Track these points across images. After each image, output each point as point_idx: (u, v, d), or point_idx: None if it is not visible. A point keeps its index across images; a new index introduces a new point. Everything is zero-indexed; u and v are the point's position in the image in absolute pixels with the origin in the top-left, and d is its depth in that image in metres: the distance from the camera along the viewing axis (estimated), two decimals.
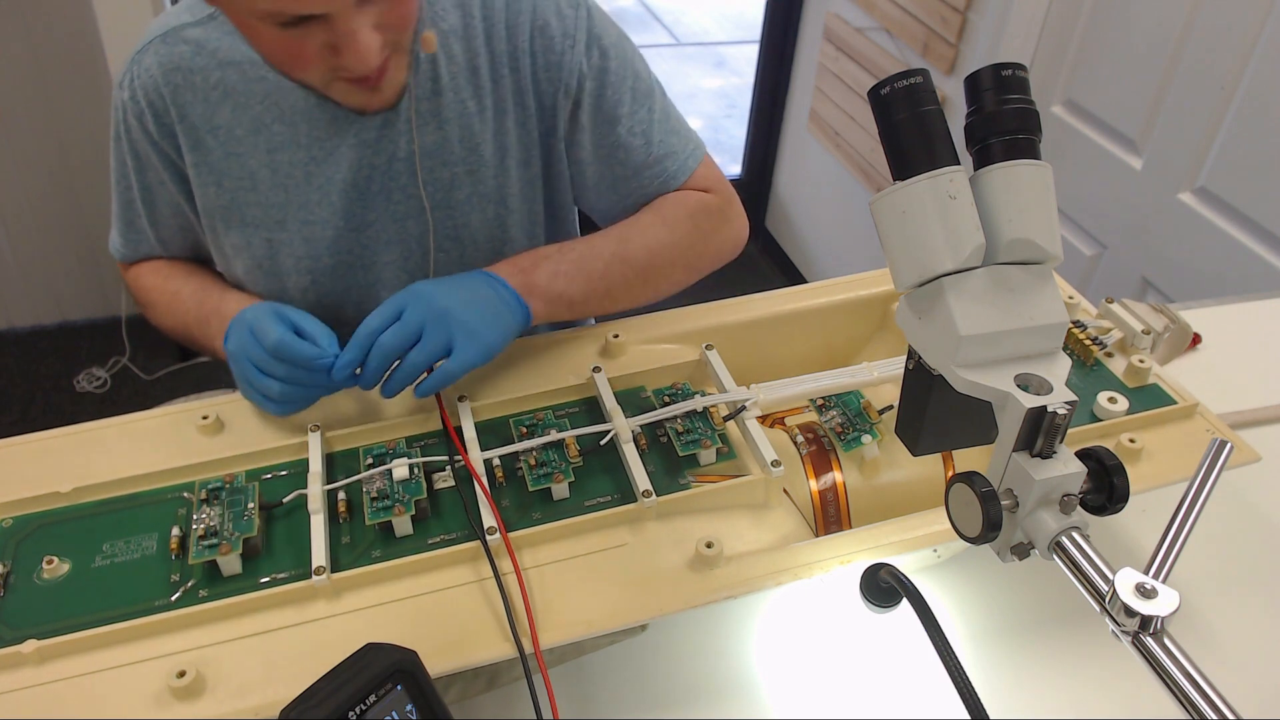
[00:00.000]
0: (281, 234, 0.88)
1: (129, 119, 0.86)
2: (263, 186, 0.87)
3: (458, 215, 0.91)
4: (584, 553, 0.65)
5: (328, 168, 0.86)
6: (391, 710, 0.49)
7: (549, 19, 0.88)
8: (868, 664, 0.72)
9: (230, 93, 0.84)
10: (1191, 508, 0.48)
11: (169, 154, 0.87)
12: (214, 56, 0.84)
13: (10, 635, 0.59)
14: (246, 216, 0.88)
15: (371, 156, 0.86)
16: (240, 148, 0.85)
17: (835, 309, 0.90)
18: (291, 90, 0.84)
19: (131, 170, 0.90)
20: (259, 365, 0.74)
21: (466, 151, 0.89)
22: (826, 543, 0.66)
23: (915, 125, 0.49)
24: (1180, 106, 1.51)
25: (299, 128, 0.85)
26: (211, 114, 0.84)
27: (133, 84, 0.85)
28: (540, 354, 0.82)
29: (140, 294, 0.99)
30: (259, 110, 0.84)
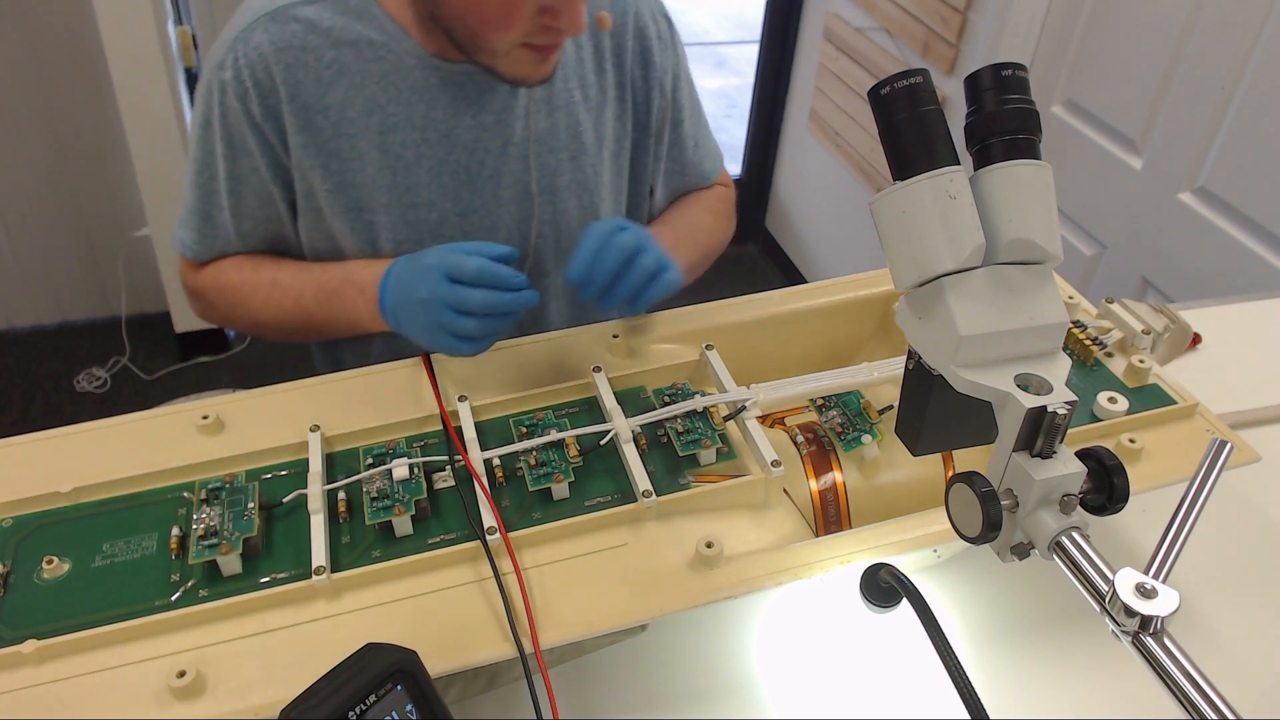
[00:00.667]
0: (385, 217, 0.89)
1: (228, 100, 0.85)
2: (371, 168, 0.87)
3: (557, 202, 0.94)
4: (584, 553, 0.65)
5: (440, 149, 0.87)
6: (391, 710, 0.49)
7: (646, 21, 0.95)
8: (868, 664, 0.72)
9: (344, 72, 0.84)
10: (1191, 508, 0.48)
11: (268, 137, 0.86)
12: (327, 36, 0.84)
13: (10, 635, 0.59)
14: (350, 200, 0.88)
15: (487, 140, 0.88)
16: (351, 128, 0.86)
17: (835, 309, 0.90)
18: (411, 72, 0.85)
19: (221, 158, 0.88)
20: (455, 305, 0.73)
21: (570, 139, 0.92)
22: (826, 543, 0.66)
23: (915, 125, 0.49)
24: (1180, 106, 1.51)
25: (416, 109, 0.86)
26: (323, 94, 0.85)
27: (237, 63, 0.83)
28: (540, 354, 0.82)
29: (218, 293, 0.94)
30: (374, 90, 0.85)
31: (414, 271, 0.77)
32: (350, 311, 0.86)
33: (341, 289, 0.87)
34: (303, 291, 0.90)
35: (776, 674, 0.71)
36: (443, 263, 0.75)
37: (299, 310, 0.90)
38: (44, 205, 2.43)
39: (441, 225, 0.90)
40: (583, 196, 0.95)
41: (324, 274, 0.89)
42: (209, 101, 0.86)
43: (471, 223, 0.91)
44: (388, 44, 0.85)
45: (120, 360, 2.50)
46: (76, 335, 2.59)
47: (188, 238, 0.94)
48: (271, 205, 0.91)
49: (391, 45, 0.85)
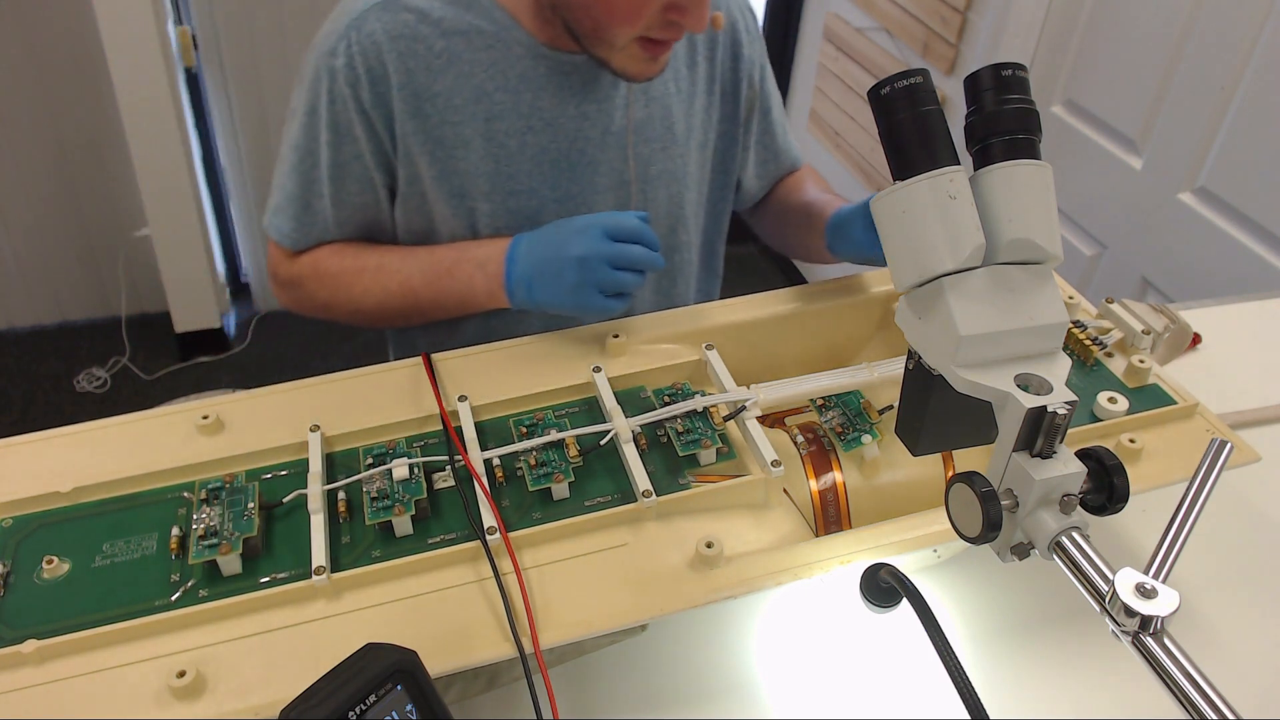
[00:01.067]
0: (486, 204, 0.91)
1: (338, 87, 0.86)
2: (475, 155, 0.89)
3: (649, 190, 0.97)
4: (584, 553, 0.65)
5: (543, 138, 0.90)
6: (391, 710, 0.49)
7: (736, 15, 0.99)
8: (868, 664, 0.72)
9: (454, 61, 0.87)
10: (1191, 508, 0.48)
11: (375, 125, 0.88)
12: (438, 25, 0.86)
13: (10, 635, 0.59)
14: (453, 186, 0.91)
15: (588, 129, 0.91)
16: (458, 116, 0.88)
17: (835, 309, 0.90)
18: (519, 60, 0.88)
19: (325, 145, 0.89)
20: (614, 260, 0.78)
21: (664, 130, 0.95)
22: (826, 543, 0.66)
23: (915, 125, 0.49)
24: (1180, 106, 1.51)
25: (522, 97, 0.88)
26: (432, 82, 0.87)
27: (349, 50, 0.85)
28: (540, 354, 0.82)
29: (318, 280, 0.95)
30: (482, 79, 0.87)
31: (562, 235, 0.81)
32: (465, 289, 0.88)
33: (456, 267, 0.89)
34: (411, 273, 0.91)
35: (776, 674, 0.71)
36: (599, 221, 0.80)
37: (406, 292, 0.91)
38: (44, 205, 2.43)
39: (540, 212, 0.93)
40: (671, 186, 0.99)
41: (434, 255, 0.91)
42: (316, 88, 0.88)
43: (567, 209, 0.94)
44: (497, 33, 0.87)
45: (120, 360, 2.50)
46: (76, 335, 2.59)
47: (285, 226, 0.94)
48: (371, 192, 0.93)
49: (500, 34, 0.88)
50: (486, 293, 0.87)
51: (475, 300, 0.89)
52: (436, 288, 0.90)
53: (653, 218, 0.99)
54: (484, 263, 0.87)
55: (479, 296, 0.88)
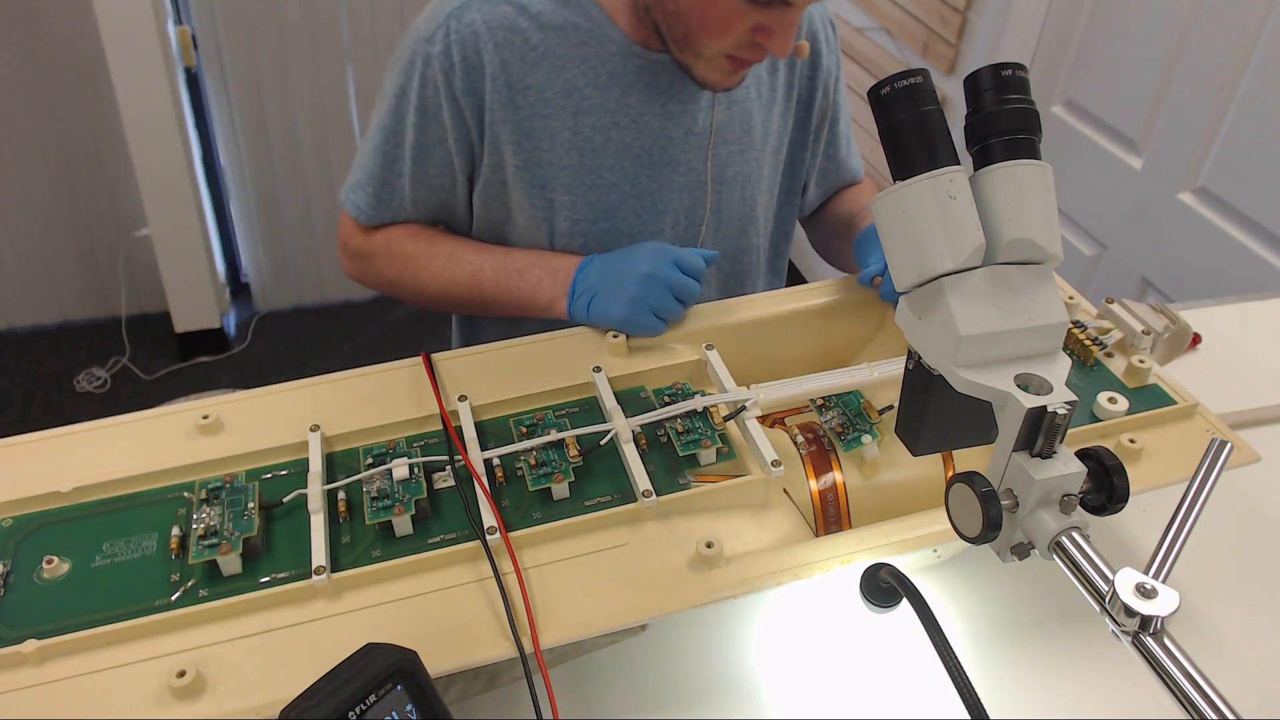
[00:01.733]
0: (566, 196, 0.93)
1: (431, 72, 0.88)
2: (561, 148, 0.91)
3: (724, 192, 0.99)
4: (584, 553, 0.65)
5: (627, 134, 0.92)
6: (391, 710, 0.49)
7: (818, 26, 1.01)
8: (868, 664, 0.72)
9: (548, 55, 0.89)
10: (1191, 508, 0.48)
11: (463, 112, 0.90)
12: (536, 20, 0.89)
13: (10, 635, 0.59)
14: (535, 177, 0.93)
15: (671, 128, 0.93)
16: (548, 109, 0.90)
17: (835, 309, 0.90)
18: (612, 58, 0.90)
19: (411, 126, 0.91)
20: (673, 288, 0.83)
21: (742, 133, 0.98)
22: (826, 543, 0.66)
23: (915, 125, 0.49)
24: (1180, 106, 1.51)
25: (611, 93, 0.91)
26: (526, 74, 0.89)
27: (448, 38, 0.88)
28: (540, 354, 0.82)
29: (389, 258, 0.98)
30: (574, 74, 0.90)
31: (636, 255, 0.85)
32: (530, 291, 0.92)
33: (528, 270, 0.93)
34: (482, 267, 0.94)
35: (776, 674, 0.71)
36: (672, 251, 0.85)
37: (473, 283, 0.95)
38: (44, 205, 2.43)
39: (618, 207, 0.95)
40: (745, 189, 1.01)
41: (509, 255, 0.95)
42: (409, 71, 0.90)
43: (645, 206, 0.96)
44: (592, 30, 0.90)
45: (120, 360, 2.50)
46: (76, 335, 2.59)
47: (363, 201, 0.97)
48: (449, 176, 0.95)
49: (595, 31, 0.90)
50: (549, 299, 0.91)
51: (535, 304, 0.92)
52: (503, 285, 0.93)
53: (725, 218, 1.01)
54: (555, 270, 0.91)
55: (540, 301, 0.91)
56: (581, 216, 0.95)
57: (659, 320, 0.84)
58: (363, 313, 2.78)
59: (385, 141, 0.94)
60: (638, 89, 0.91)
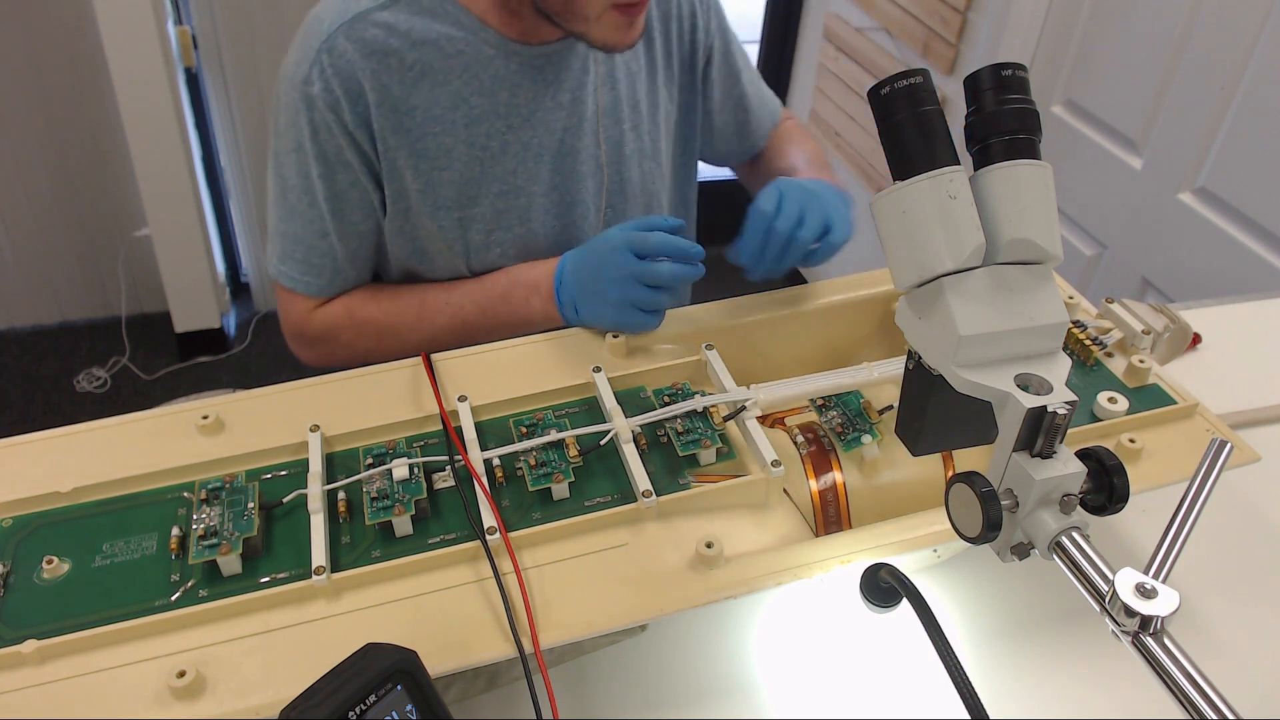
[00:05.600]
0: (473, 209, 0.91)
1: (318, 115, 0.85)
2: (458, 163, 0.89)
3: (624, 171, 0.98)
4: (584, 553, 0.65)
5: (524, 134, 0.90)
6: (391, 710, 0.49)
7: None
8: (868, 664, 0.72)
9: (427, 71, 0.86)
10: (1191, 508, 0.48)
11: (361, 145, 0.87)
12: (407, 38, 0.85)
13: (10, 635, 0.59)
14: (440, 197, 0.90)
15: (565, 119, 0.92)
16: (437, 126, 0.87)
17: (835, 309, 0.90)
18: (492, 61, 0.88)
19: (318, 178, 0.87)
20: (644, 279, 0.79)
21: (630, 109, 0.97)
22: (826, 543, 0.66)
23: (915, 125, 0.49)
24: (1180, 106, 1.51)
25: (499, 96, 0.88)
26: (408, 94, 0.86)
27: (324, 74, 0.84)
28: (540, 354, 0.82)
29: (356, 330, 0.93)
30: (457, 85, 0.87)
31: (600, 255, 0.82)
32: (522, 312, 0.89)
33: (510, 292, 0.90)
34: (461, 304, 0.91)
35: (776, 674, 0.71)
36: (627, 241, 0.81)
37: (458, 324, 0.91)
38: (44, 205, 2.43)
39: (530, 208, 0.93)
40: (644, 164, 1.00)
41: (482, 284, 0.92)
42: (297, 122, 0.86)
43: (554, 201, 0.95)
44: (466, 37, 0.87)
45: (120, 360, 2.50)
46: (76, 335, 2.59)
47: (297, 272, 0.91)
48: (373, 218, 0.91)
49: (469, 38, 0.87)
50: (544, 315, 0.89)
51: (533, 323, 0.90)
52: (491, 315, 0.91)
53: (629, 196, 1.00)
54: (536, 286, 0.89)
55: (537, 318, 0.89)
56: (495, 226, 0.92)
57: (649, 314, 0.81)
58: None
59: (298, 201, 0.89)
60: (524, 87, 0.89)
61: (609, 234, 0.83)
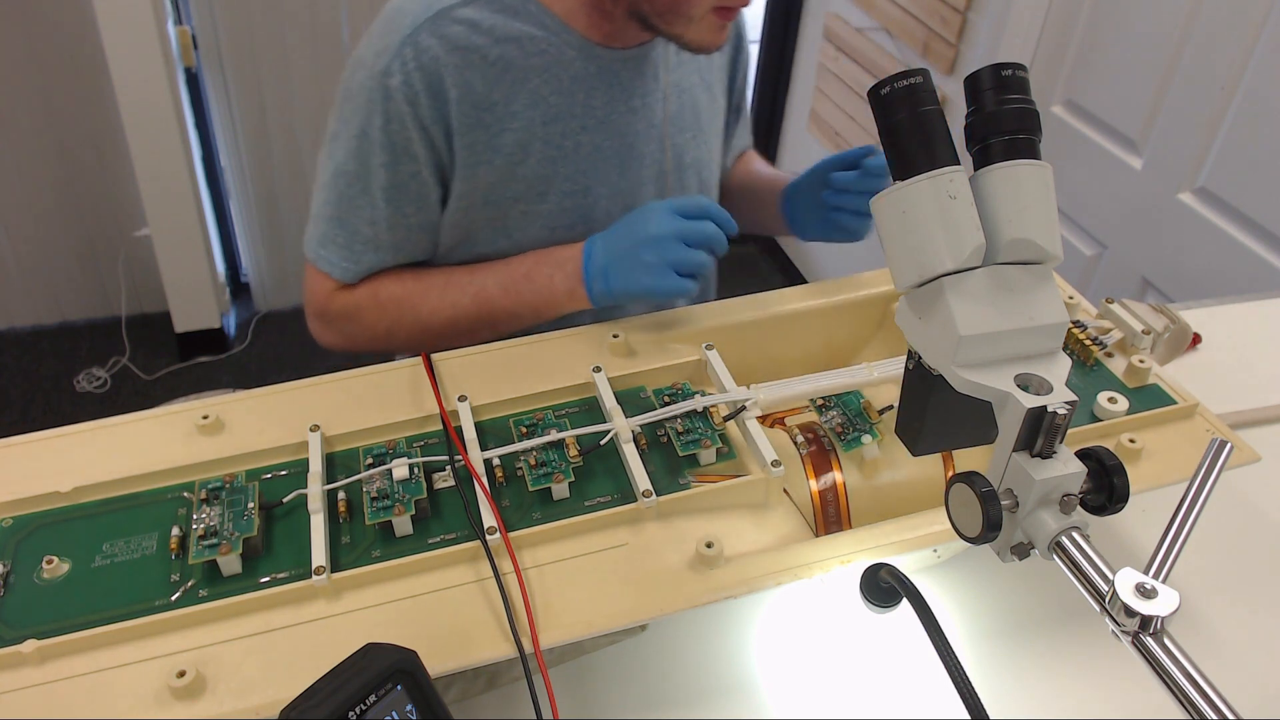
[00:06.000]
0: (541, 205, 0.93)
1: (395, 105, 0.86)
2: (533, 159, 0.91)
3: (684, 179, 1.02)
4: (584, 553, 0.65)
5: (597, 136, 0.93)
6: (391, 710, 0.49)
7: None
8: (868, 664, 0.72)
9: (508, 68, 0.88)
10: (1191, 508, 0.48)
11: (434, 139, 0.88)
12: (490, 34, 0.87)
13: (10, 635, 0.59)
14: (509, 191, 0.92)
15: (636, 124, 0.94)
16: (515, 122, 0.89)
17: (835, 309, 0.90)
18: (572, 62, 0.90)
19: (380, 166, 0.88)
20: (685, 236, 0.79)
21: (692, 119, 1.00)
22: (826, 543, 0.66)
23: (915, 125, 0.49)
24: (1180, 106, 1.51)
25: (575, 97, 0.91)
26: (489, 90, 0.88)
27: (406, 67, 0.85)
28: (540, 354, 0.82)
29: (378, 309, 0.94)
30: (536, 84, 0.89)
31: (639, 217, 0.83)
32: (544, 290, 0.88)
33: (534, 270, 0.89)
34: (485, 284, 0.91)
35: (776, 674, 0.71)
36: (669, 202, 0.82)
37: (480, 302, 0.91)
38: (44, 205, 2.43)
39: (593, 209, 0.95)
40: (701, 173, 1.04)
41: (508, 264, 0.92)
42: (368, 110, 0.87)
43: (617, 204, 0.97)
44: (547, 38, 0.89)
45: (120, 360, 2.50)
46: (76, 335, 2.59)
47: (335, 256, 0.92)
48: (426, 211, 0.92)
49: (551, 39, 0.89)
50: (566, 291, 0.87)
51: (555, 301, 0.89)
52: (514, 294, 0.90)
53: None
54: (562, 262, 0.88)
55: (559, 297, 0.88)
56: (560, 224, 0.94)
57: (685, 279, 0.80)
58: None
59: (349, 187, 0.90)
60: (601, 89, 0.92)
61: (646, 205, 0.84)
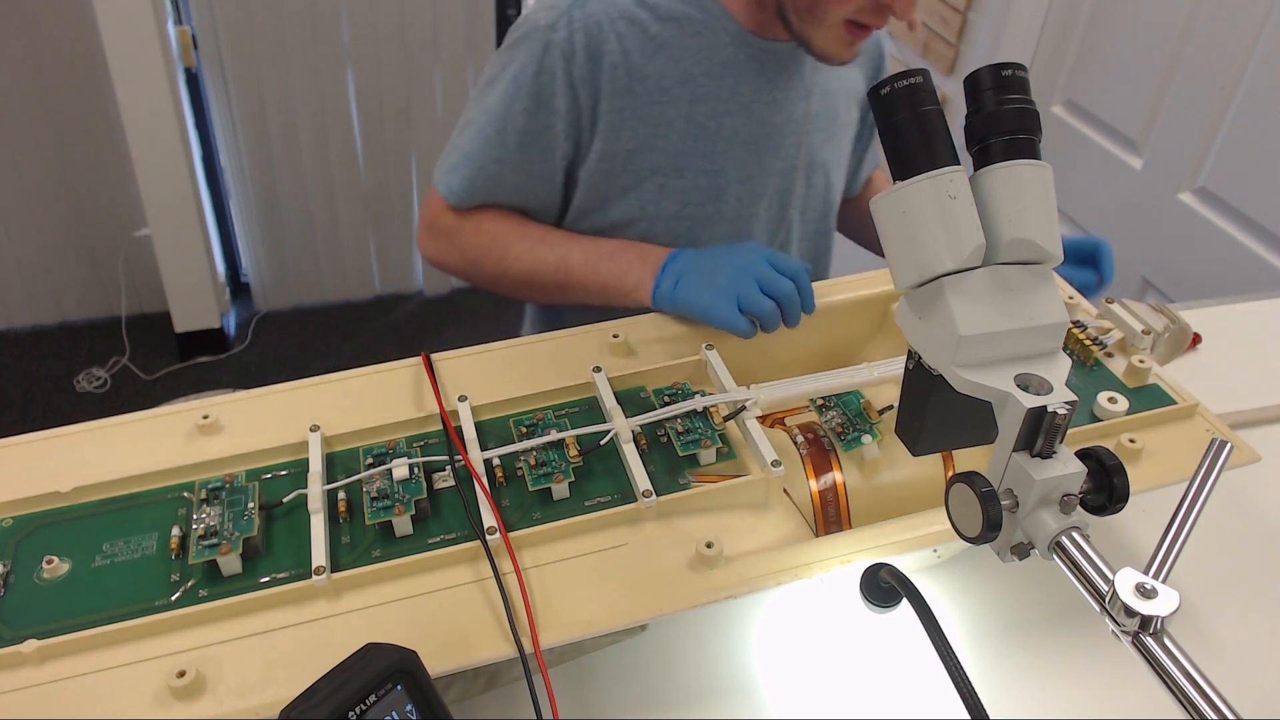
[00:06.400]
0: (677, 180, 0.98)
1: (550, 59, 0.91)
2: (675, 135, 0.96)
3: (811, 177, 1.05)
4: (584, 553, 0.65)
5: (738, 120, 0.97)
6: (391, 710, 0.49)
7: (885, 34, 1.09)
8: (868, 664, 0.72)
9: (666, 46, 0.93)
10: (1191, 508, 0.48)
11: (579, 99, 0.93)
12: (654, 11, 0.93)
13: (10, 635, 0.59)
14: (647, 162, 0.97)
15: (776, 115, 0.98)
16: (664, 97, 0.94)
17: (835, 309, 0.90)
18: (725, 48, 0.95)
19: (521, 111, 0.93)
20: (763, 281, 0.82)
21: (830, 122, 1.04)
22: (826, 543, 0.66)
23: (915, 125, 0.49)
24: (1180, 106, 1.51)
25: (724, 81, 0.95)
26: (645, 63, 0.93)
27: (570, 26, 0.91)
28: (540, 354, 0.82)
29: (475, 234, 1.00)
30: (690, 63, 0.94)
31: (731, 248, 0.86)
32: (618, 273, 0.92)
33: (618, 253, 0.94)
34: (572, 249, 0.96)
35: (776, 674, 0.71)
36: (767, 251, 0.85)
37: (560, 265, 0.96)
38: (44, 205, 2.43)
39: (724, 191, 0.99)
40: (830, 175, 1.07)
41: (599, 241, 0.97)
42: (525, 59, 0.92)
43: (746, 190, 1.00)
44: (707, 21, 0.94)
45: (120, 360, 2.50)
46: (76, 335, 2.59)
47: (456, 183, 0.98)
48: (550, 163, 0.97)
49: (710, 23, 0.94)
50: (636, 282, 0.91)
51: (623, 288, 0.92)
52: (591, 268, 0.94)
53: (811, 203, 1.07)
54: (646, 255, 0.92)
55: (628, 285, 0.92)
56: (690, 200, 0.99)
57: (745, 320, 0.81)
58: (363, 313, 2.78)
59: (488, 125, 0.95)
60: (749, 77, 0.96)
61: (746, 243, 0.89)
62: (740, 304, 0.81)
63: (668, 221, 0.99)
